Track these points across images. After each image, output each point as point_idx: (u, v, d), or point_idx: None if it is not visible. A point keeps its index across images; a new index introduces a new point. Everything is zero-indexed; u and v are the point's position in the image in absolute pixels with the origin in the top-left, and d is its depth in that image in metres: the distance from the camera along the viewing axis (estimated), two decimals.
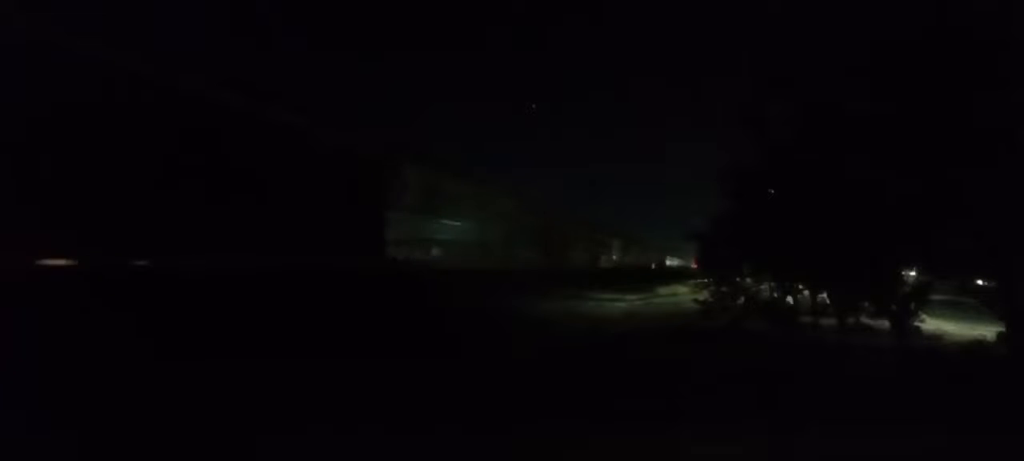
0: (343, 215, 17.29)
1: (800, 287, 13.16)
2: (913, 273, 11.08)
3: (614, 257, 57.18)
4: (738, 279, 13.83)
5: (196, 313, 8.27)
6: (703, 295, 14.11)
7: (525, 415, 5.41)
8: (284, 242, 14.09)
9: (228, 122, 13.69)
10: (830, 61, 10.77)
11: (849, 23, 10.38)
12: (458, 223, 28.14)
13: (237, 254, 12.42)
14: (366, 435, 4.77)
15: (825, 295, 12.19)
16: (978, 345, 9.84)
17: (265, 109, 15.03)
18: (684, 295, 21.17)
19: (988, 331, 10.15)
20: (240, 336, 7.72)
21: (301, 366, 6.93)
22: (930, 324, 10.71)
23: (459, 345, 9.53)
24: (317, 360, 7.26)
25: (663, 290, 27.57)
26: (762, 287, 14.00)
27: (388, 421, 5.14)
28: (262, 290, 10.30)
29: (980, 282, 9.93)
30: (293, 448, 4.38)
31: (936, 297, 10.76)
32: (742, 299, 13.14)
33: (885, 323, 10.25)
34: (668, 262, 78.19)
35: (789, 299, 13.32)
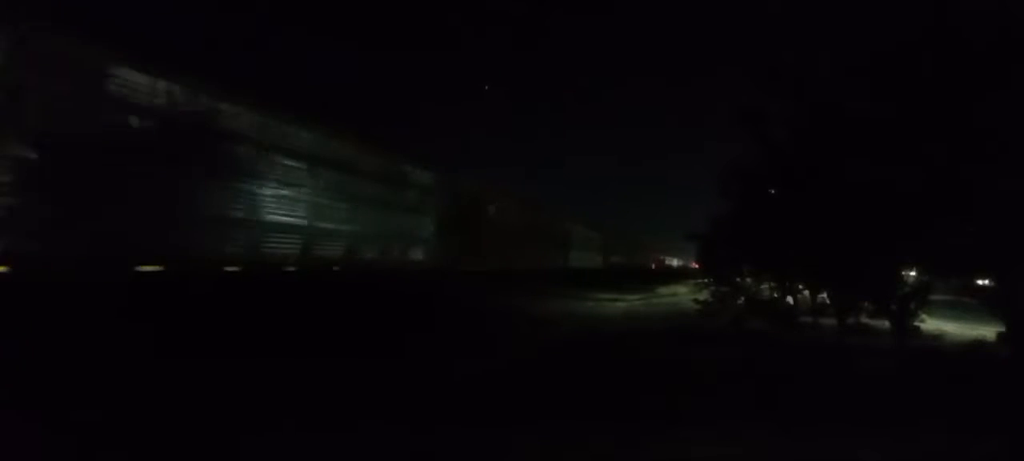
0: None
1: (800, 287, 13.16)
2: (913, 273, 11.07)
3: (613, 257, 57.08)
4: (738, 279, 13.84)
5: None
6: (703, 295, 14.13)
7: (524, 415, 5.40)
8: None
9: None
10: (830, 61, 10.75)
11: (849, 23, 10.38)
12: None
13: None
14: (365, 433, 4.77)
15: (825, 295, 12.19)
16: (978, 345, 9.82)
17: None
18: (684, 295, 21.17)
19: (988, 331, 10.13)
20: None
21: (295, 365, 6.94)
22: (930, 324, 10.68)
23: (460, 344, 9.53)
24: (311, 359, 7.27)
25: (663, 290, 27.60)
26: (762, 287, 14.00)
27: (387, 419, 5.14)
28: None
29: (980, 282, 9.92)
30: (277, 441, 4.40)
31: (936, 297, 10.74)
32: (742, 299, 13.14)
33: (885, 323, 10.23)
34: (668, 262, 78.29)
35: (789, 299, 13.31)
